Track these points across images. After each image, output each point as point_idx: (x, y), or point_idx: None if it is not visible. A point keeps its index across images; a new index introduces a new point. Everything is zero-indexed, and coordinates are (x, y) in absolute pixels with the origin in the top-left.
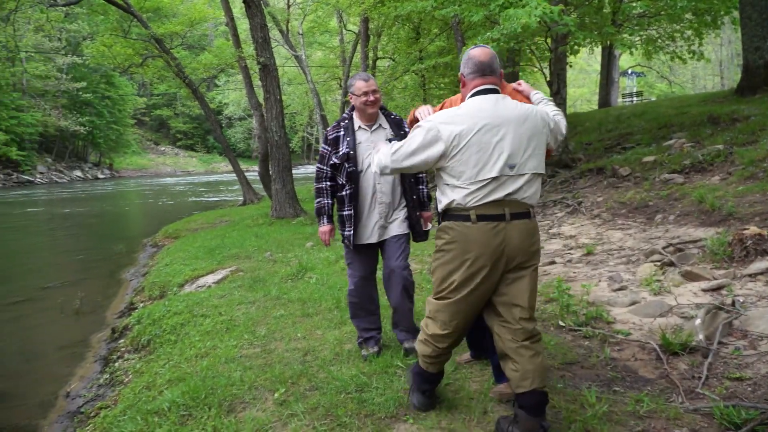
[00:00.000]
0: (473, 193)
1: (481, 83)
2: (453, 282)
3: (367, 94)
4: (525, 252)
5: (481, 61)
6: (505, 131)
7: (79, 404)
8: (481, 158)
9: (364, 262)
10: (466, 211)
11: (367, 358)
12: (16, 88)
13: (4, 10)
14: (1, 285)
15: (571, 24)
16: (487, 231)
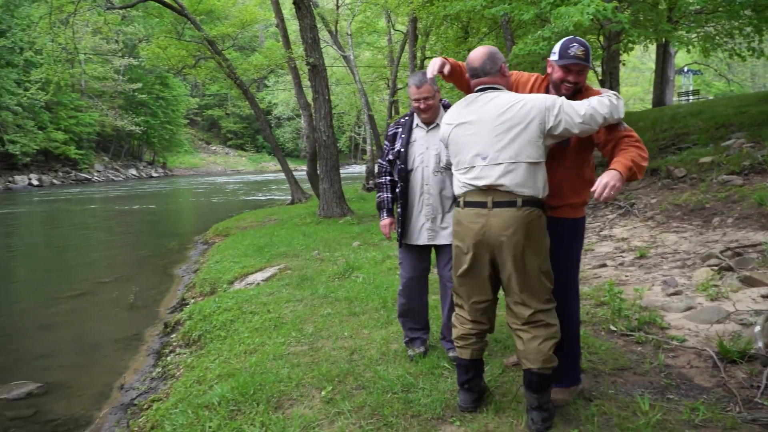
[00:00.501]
0: (461, 182)
1: (475, 84)
2: (456, 262)
3: (418, 100)
4: (508, 239)
5: (473, 66)
6: (478, 126)
7: (132, 396)
8: (459, 150)
9: (413, 263)
10: (458, 198)
11: (413, 358)
12: (75, 88)
13: (63, 13)
14: (62, 279)
15: (625, 21)
16: (470, 216)
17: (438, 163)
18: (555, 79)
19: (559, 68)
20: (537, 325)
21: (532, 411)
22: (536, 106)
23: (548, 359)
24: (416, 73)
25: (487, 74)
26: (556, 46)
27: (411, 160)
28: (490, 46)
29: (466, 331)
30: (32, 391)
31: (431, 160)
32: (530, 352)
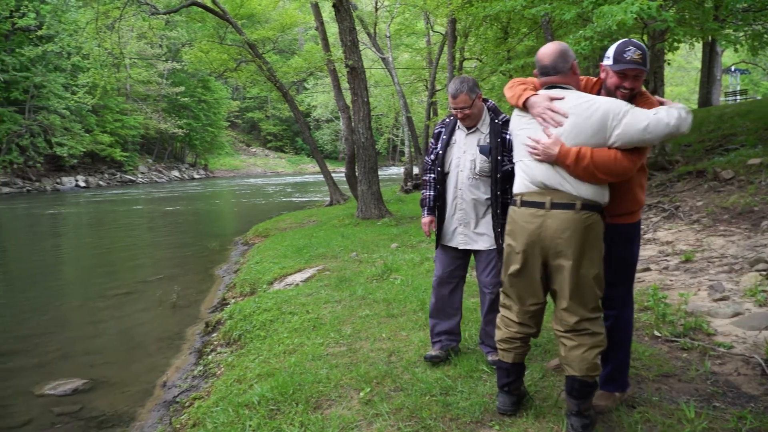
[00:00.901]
0: (520, 179)
1: (543, 83)
2: (507, 261)
3: (456, 110)
4: (564, 243)
5: (544, 63)
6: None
7: (174, 394)
8: (520, 148)
9: (443, 263)
10: (515, 196)
11: (427, 359)
12: (120, 92)
13: (109, 18)
14: (107, 278)
15: (670, 20)
16: (526, 216)
17: (473, 169)
18: (609, 85)
19: (614, 74)
20: (582, 333)
21: (572, 417)
22: (603, 109)
23: (592, 367)
24: (453, 81)
25: (558, 72)
26: (610, 49)
27: (448, 162)
28: (561, 43)
29: (511, 335)
30: (78, 388)
31: (467, 165)
32: (573, 359)
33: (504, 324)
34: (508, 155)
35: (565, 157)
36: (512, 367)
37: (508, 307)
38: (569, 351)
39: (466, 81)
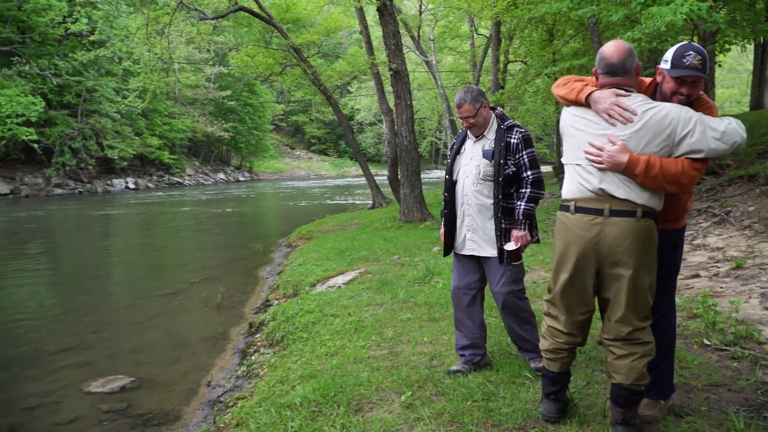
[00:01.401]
0: (574, 182)
1: (609, 83)
2: (556, 271)
3: (461, 119)
4: (624, 252)
5: (612, 62)
6: (606, 125)
7: (218, 393)
8: (580, 144)
9: (459, 272)
10: (567, 202)
11: (450, 373)
12: (169, 96)
13: (159, 24)
14: (155, 278)
15: (721, 21)
16: (582, 223)
17: (477, 174)
18: (665, 90)
19: (672, 79)
20: (633, 342)
21: (617, 426)
22: (672, 116)
23: (641, 376)
24: (458, 92)
25: (626, 73)
26: (668, 52)
27: (456, 171)
28: (626, 42)
29: (558, 345)
30: (125, 386)
31: (472, 171)
32: (622, 367)
33: (551, 334)
34: (512, 158)
35: (634, 166)
36: (558, 376)
37: (555, 317)
38: (618, 359)
39: (470, 91)
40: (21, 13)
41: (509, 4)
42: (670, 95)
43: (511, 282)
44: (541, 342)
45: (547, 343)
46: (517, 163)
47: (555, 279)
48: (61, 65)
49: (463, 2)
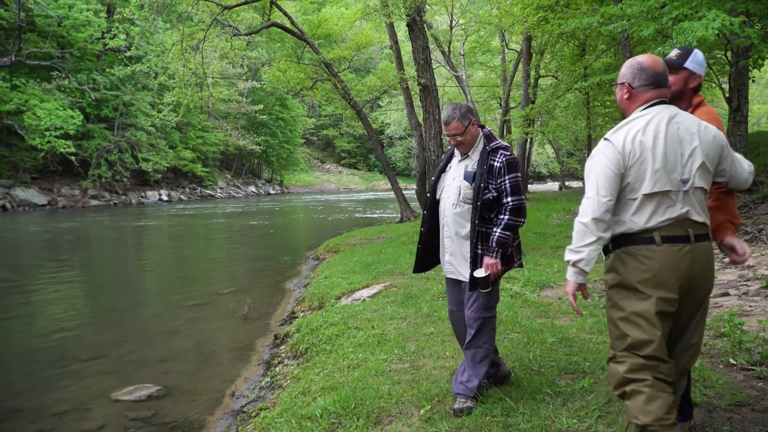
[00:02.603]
0: (649, 213)
1: (656, 96)
2: (650, 323)
3: (449, 136)
4: (708, 276)
5: (657, 71)
6: (683, 144)
7: (242, 404)
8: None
9: (450, 294)
10: (647, 233)
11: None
12: (202, 110)
13: (194, 39)
14: (185, 289)
15: (754, 36)
16: (674, 254)
17: (458, 195)
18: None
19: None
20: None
21: None
22: (719, 136)
23: None
24: (446, 108)
25: (668, 86)
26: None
27: (440, 189)
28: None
29: (670, 406)
30: (152, 394)
31: (453, 192)
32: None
33: (661, 404)
34: (494, 182)
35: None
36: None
37: (655, 369)
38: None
39: (459, 107)
40: (61, 29)
41: (540, 19)
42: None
43: (482, 308)
44: (647, 411)
45: (660, 406)
46: (499, 187)
47: (645, 333)
48: (99, 80)
49: (494, 17)
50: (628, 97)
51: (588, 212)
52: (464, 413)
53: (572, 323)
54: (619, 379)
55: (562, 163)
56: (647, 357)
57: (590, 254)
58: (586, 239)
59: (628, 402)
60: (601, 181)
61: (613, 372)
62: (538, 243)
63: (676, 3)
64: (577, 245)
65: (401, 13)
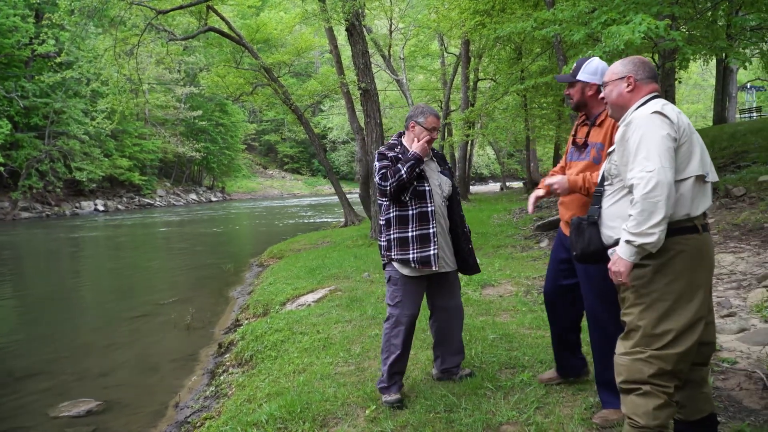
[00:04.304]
0: (698, 201)
1: (655, 89)
2: (693, 316)
3: (435, 130)
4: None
5: (652, 67)
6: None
7: (186, 414)
8: (701, 156)
9: (417, 297)
10: (689, 221)
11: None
12: (139, 117)
13: (127, 45)
14: (123, 301)
15: (679, 39)
16: (710, 242)
17: (442, 195)
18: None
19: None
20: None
21: None
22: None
23: None
24: (430, 107)
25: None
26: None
27: (429, 189)
28: None
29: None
30: (92, 409)
31: (438, 189)
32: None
33: (669, 413)
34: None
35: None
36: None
37: (672, 374)
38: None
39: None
40: None
41: (477, 23)
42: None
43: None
44: (655, 416)
45: (668, 414)
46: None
47: (688, 328)
48: (27, 87)
49: (433, 22)
50: (631, 89)
51: (658, 186)
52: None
53: (512, 320)
54: (640, 378)
55: (502, 164)
56: (680, 356)
57: (661, 237)
58: (656, 217)
59: (636, 399)
60: (663, 152)
61: (633, 369)
62: (479, 243)
63: (604, 8)
64: (645, 227)
65: (340, 18)
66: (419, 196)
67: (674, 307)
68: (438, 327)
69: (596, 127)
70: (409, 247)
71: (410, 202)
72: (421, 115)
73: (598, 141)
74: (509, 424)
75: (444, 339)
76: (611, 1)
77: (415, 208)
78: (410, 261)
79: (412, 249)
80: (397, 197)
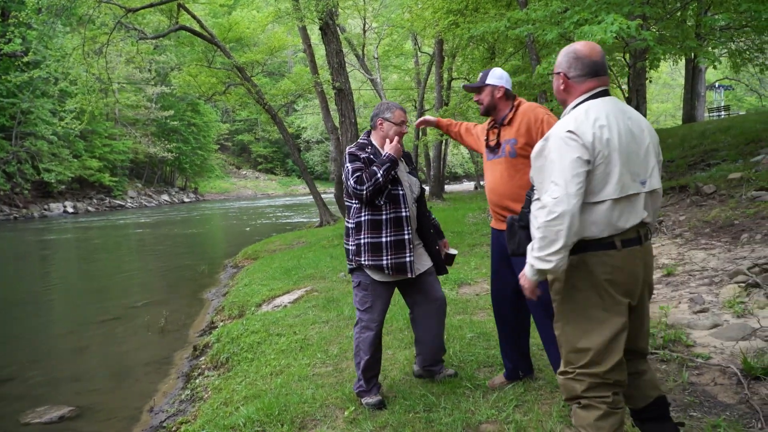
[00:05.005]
0: (619, 217)
1: (595, 85)
2: (618, 330)
3: (403, 124)
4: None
5: (594, 60)
6: (637, 139)
7: (161, 419)
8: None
9: (385, 304)
10: (611, 239)
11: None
12: (109, 117)
13: (96, 43)
14: (96, 304)
15: (650, 39)
16: (632, 257)
17: (412, 194)
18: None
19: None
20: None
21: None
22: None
23: None
24: (391, 101)
25: (607, 74)
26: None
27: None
28: None
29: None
30: (65, 415)
31: (408, 190)
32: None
33: (614, 421)
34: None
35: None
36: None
37: (610, 384)
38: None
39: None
40: None
41: (451, 23)
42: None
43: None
44: (599, 427)
45: (612, 423)
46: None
47: (613, 340)
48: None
49: (406, 21)
50: (564, 88)
51: (560, 216)
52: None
53: (489, 318)
54: (575, 395)
55: (476, 163)
56: (608, 372)
57: (559, 264)
58: (555, 246)
59: (580, 411)
60: (570, 178)
61: (568, 388)
62: (455, 242)
63: (577, 8)
64: (544, 253)
65: (313, 17)
66: (393, 201)
67: (589, 326)
68: (419, 323)
69: (506, 126)
70: (383, 253)
71: (384, 207)
72: (387, 110)
73: (510, 137)
74: (489, 423)
75: (425, 335)
76: (583, 1)
77: (389, 212)
78: (383, 267)
79: (386, 255)
80: (372, 201)
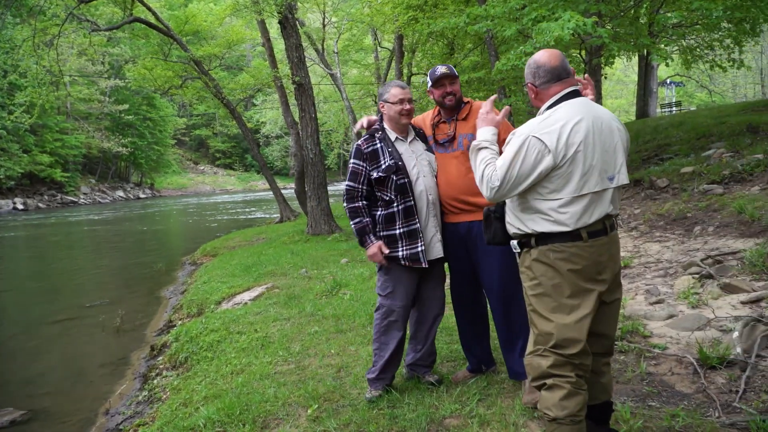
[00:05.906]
0: (584, 213)
1: (561, 88)
2: (582, 311)
3: (403, 102)
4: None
5: (553, 65)
6: (604, 136)
7: (118, 421)
8: (591, 166)
9: (410, 286)
10: (577, 231)
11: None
12: (60, 111)
13: (47, 35)
14: (47, 304)
15: (605, 36)
16: (597, 247)
17: (432, 173)
18: (438, 100)
19: (435, 89)
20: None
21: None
22: (625, 130)
23: None
24: (395, 80)
25: (570, 76)
26: (428, 80)
27: (409, 171)
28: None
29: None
30: (16, 419)
31: (427, 169)
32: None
33: (578, 401)
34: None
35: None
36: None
37: (574, 365)
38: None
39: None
40: None
41: (410, 18)
42: (443, 101)
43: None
44: (563, 406)
45: (576, 403)
46: None
47: (578, 317)
48: None
49: (366, 16)
50: (536, 96)
51: (495, 182)
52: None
53: (450, 313)
54: (541, 372)
55: None
56: (573, 355)
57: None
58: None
59: (545, 393)
60: (518, 169)
61: (534, 365)
62: None
63: (534, 5)
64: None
65: (272, 11)
66: (401, 191)
67: (556, 312)
68: (417, 318)
69: (461, 121)
70: (398, 244)
71: (396, 199)
72: (384, 92)
73: (467, 132)
74: (452, 417)
75: (421, 332)
76: None
77: (399, 204)
78: (399, 258)
79: (402, 246)
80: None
